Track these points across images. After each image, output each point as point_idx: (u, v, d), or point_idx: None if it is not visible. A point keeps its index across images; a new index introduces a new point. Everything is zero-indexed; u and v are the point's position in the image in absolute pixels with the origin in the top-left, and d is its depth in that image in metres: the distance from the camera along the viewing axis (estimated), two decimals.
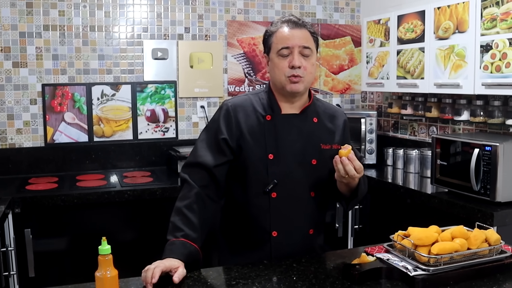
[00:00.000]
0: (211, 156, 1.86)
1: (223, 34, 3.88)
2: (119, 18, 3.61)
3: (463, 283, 1.55)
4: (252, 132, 1.88)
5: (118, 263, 1.66)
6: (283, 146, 1.88)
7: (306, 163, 1.90)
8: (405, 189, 3.05)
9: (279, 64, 1.86)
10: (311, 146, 1.91)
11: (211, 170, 1.84)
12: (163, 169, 3.66)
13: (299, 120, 1.92)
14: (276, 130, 1.89)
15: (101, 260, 1.44)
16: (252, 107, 1.92)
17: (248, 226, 1.91)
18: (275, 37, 1.88)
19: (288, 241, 1.89)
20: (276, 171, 1.86)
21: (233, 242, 1.97)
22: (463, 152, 2.72)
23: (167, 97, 3.76)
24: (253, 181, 1.88)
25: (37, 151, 3.47)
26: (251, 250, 1.90)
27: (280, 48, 1.85)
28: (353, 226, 3.52)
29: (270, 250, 1.88)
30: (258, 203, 1.87)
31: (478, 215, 2.48)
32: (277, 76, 1.87)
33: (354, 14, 4.24)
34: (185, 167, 1.90)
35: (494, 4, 2.66)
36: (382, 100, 4.07)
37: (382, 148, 3.80)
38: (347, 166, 1.71)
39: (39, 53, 3.45)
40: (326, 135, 1.94)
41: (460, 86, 2.88)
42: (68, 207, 2.92)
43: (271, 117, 1.90)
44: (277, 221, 1.87)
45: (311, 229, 1.93)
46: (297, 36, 1.85)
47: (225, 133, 1.87)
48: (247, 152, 1.87)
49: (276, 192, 1.86)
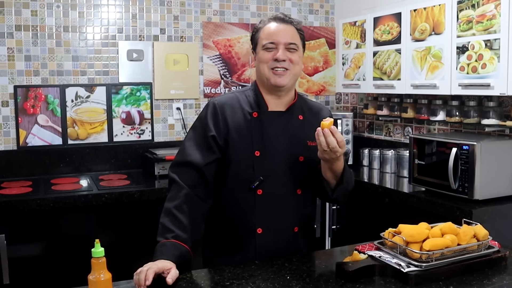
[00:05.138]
0: (200, 154, 1.84)
1: (198, 35, 3.85)
2: (93, 18, 3.54)
3: (454, 278, 1.58)
4: (239, 129, 1.87)
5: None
6: (270, 143, 1.88)
7: (293, 160, 1.90)
8: (383, 189, 3.08)
9: (263, 57, 1.88)
10: (298, 143, 1.91)
11: (200, 169, 1.82)
12: (139, 172, 3.61)
13: (285, 118, 1.93)
14: (263, 127, 1.89)
15: (94, 263, 1.41)
16: (238, 104, 1.92)
17: (233, 223, 1.90)
18: (262, 33, 1.91)
19: (273, 238, 1.88)
20: (262, 168, 1.86)
21: (216, 243, 1.95)
22: (440, 152, 2.76)
23: (143, 99, 3.71)
24: (239, 177, 1.87)
25: (10, 154, 3.37)
26: (235, 249, 1.89)
27: (266, 43, 1.87)
28: (331, 226, 3.54)
29: (255, 248, 1.87)
30: (244, 200, 1.87)
31: (457, 212, 2.53)
32: (262, 69, 1.88)
33: (328, 16, 4.28)
34: (173, 167, 1.88)
35: (470, 7, 2.72)
36: (357, 102, 4.11)
37: (358, 149, 3.83)
38: (328, 137, 1.70)
39: (11, 53, 3.35)
40: (312, 132, 1.92)
41: (437, 87, 2.93)
42: (44, 211, 2.84)
43: (258, 114, 1.90)
44: (262, 218, 1.87)
45: (296, 226, 1.93)
46: (283, 32, 1.87)
47: (213, 130, 1.86)
48: (234, 149, 1.86)
49: (262, 189, 1.86)
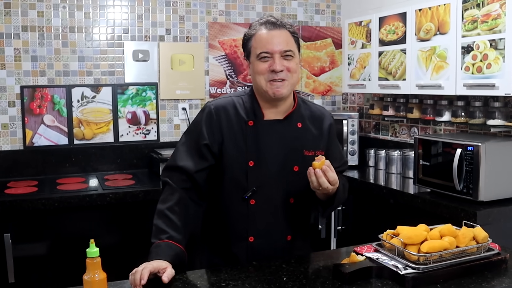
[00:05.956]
0: (192, 161, 1.83)
1: (204, 35, 3.86)
2: (99, 19, 3.56)
3: (452, 280, 1.56)
4: (233, 137, 1.84)
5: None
6: (264, 153, 1.84)
7: (287, 170, 1.87)
8: (388, 190, 3.06)
9: (259, 68, 1.81)
10: (294, 153, 1.87)
11: (191, 175, 1.81)
12: (144, 172, 3.62)
13: (282, 126, 1.88)
14: (258, 137, 1.85)
15: (89, 263, 1.41)
16: (234, 110, 1.87)
17: (225, 230, 1.89)
18: (254, 41, 1.82)
19: (265, 246, 1.87)
20: (255, 178, 1.83)
21: (212, 243, 1.95)
22: (445, 153, 2.74)
23: (148, 99, 3.73)
24: (232, 187, 1.85)
25: (16, 154, 3.40)
26: (228, 256, 1.89)
27: (260, 52, 1.80)
28: (336, 227, 3.53)
29: (246, 255, 1.86)
30: (236, 209, 1.85)
31: (461, 214, 2.50)
32: (258, 81, 1.82)
33: (335, 16, 4.26)
34: (165, 170, 1.88)
35: (475, 6, 2.69)
36: (364, 102, 4.09)
37: (363, 149, 3.82)
38: (320, 178, 1.69)
39: (18, 54, 3.38)
40: (310, 141, 1.91)
41: (442, 87, 2.91)
42: (49, 211, 2.86)
43: (253, 122, 1.86)
44: (255, 227, 1.86)
45: (289, 235, 1.91)
46: (276, 38, 1.79)
47: (207, 139, 1.83)
48: (228, 158, 1.84)
49: (255, 199, 1.84)
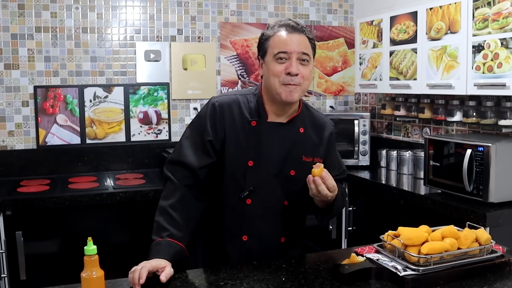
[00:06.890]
0: (196, 156, 1.83)
1: (216, 35, 3.87)
2: (111, 20, 3.60)
3: (453, 283, 1.54)
4: (235, 136, 1.84)
5: (110, 265, 1.66)
6: (264, 154, 1.84)
7: (284, 173, 1.87)
8: (398, 190, 3.04)
9: (274, 69, 1.78)
10: (292, 157, 1.87)
11: (195, 171, 1.81)
12: (155, 171, 3.64)
13: (285, 130, 1.88)
14: (259, 138, 1.84)
15: (86, 260, 1.43)
16: (238, 109, 1.87)
17: (220, 228, 1.89)
18: (272, 41, 1.81)
19: (258, 246, 1.87)
20: (253, 178, 1.83)
21: (206, 239, 1.95)
22: (455, 153, 2.71)
23: (160, 99, 3.75)
24: (230, 185, 1.85)
25: (29, 153, 3.45)
26: (221, 251, 1.89)
27: (277, 52, 1.78)
28: (347, 228, 3.51)
29: (239, 254, 1.87)
30: (232, 207, 1.86)
31: (471, 215, 2.47)
32: (272, 83, 1.79)
33: (347, 15, 4.24)
34: (168, 164, 1.87)
35: (485, 5, 2.65)
36: (376, 102, 4.06)
37: (375, 149, 3.79)
38: (319, 186, 1.70)
39: (31, 55, 3.43)
40: (310, 148, 1.91)
41: (453, 86, 2.87)
42: (60, 209, 2.90)
43: (256, 123, 1.85)
44: (249, 227, 1.86)
45: (282, 237, 1.91)
46: (295, 41, 1.78)
47: (210, 135, 1.83)
48: (228, 156, 1.84)
49: (251, 199, 1.84)
